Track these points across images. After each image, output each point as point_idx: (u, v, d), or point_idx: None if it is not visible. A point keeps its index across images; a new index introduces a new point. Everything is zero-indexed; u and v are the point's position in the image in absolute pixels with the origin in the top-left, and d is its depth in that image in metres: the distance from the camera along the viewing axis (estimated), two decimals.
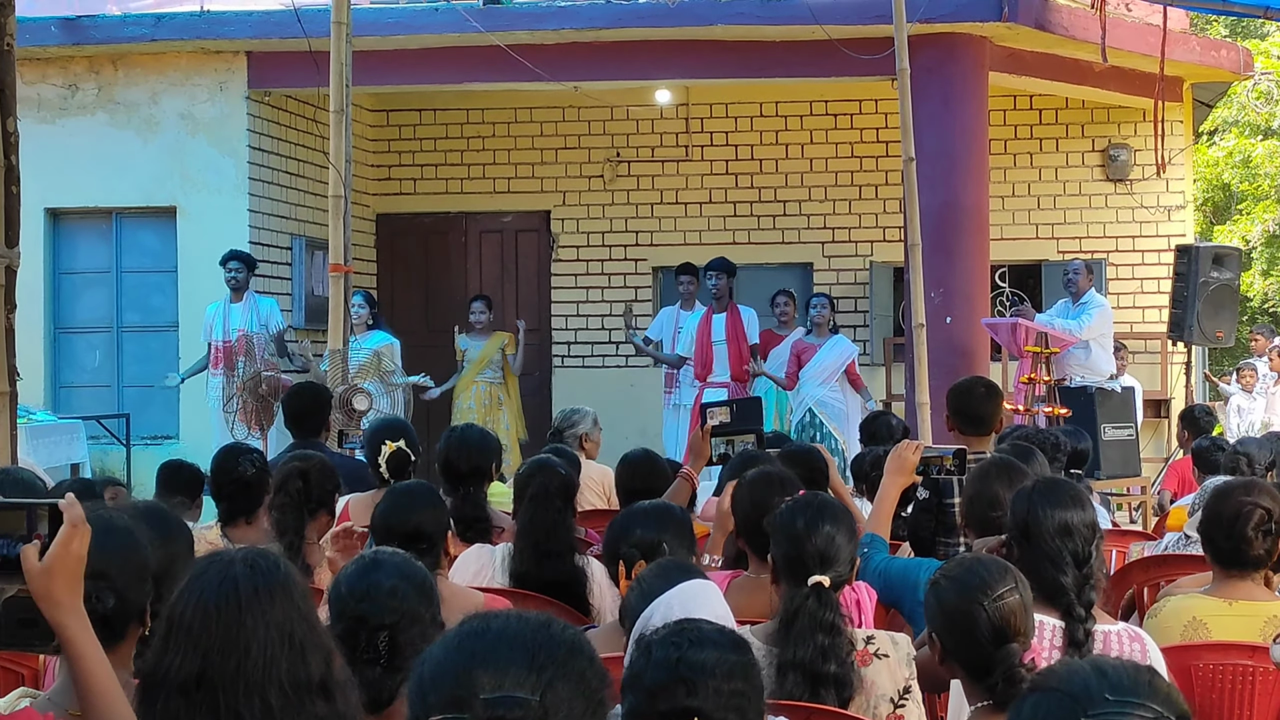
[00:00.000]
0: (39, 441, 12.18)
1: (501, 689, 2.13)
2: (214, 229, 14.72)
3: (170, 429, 14.82)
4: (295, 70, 14.08)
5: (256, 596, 2.93)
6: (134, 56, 15.07)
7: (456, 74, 15.14)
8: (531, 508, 5.98)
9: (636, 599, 3.87)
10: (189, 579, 2.94)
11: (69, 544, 2.89)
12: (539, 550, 5.89)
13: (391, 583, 3.74)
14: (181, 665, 2.84)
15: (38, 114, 14.55)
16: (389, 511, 5.29)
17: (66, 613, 2.89)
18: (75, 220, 15.48)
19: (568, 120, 17.52)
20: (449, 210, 17.92)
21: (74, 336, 15.61)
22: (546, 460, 6.44)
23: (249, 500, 6.54)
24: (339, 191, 10.74)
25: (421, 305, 17.56)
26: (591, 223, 17.61)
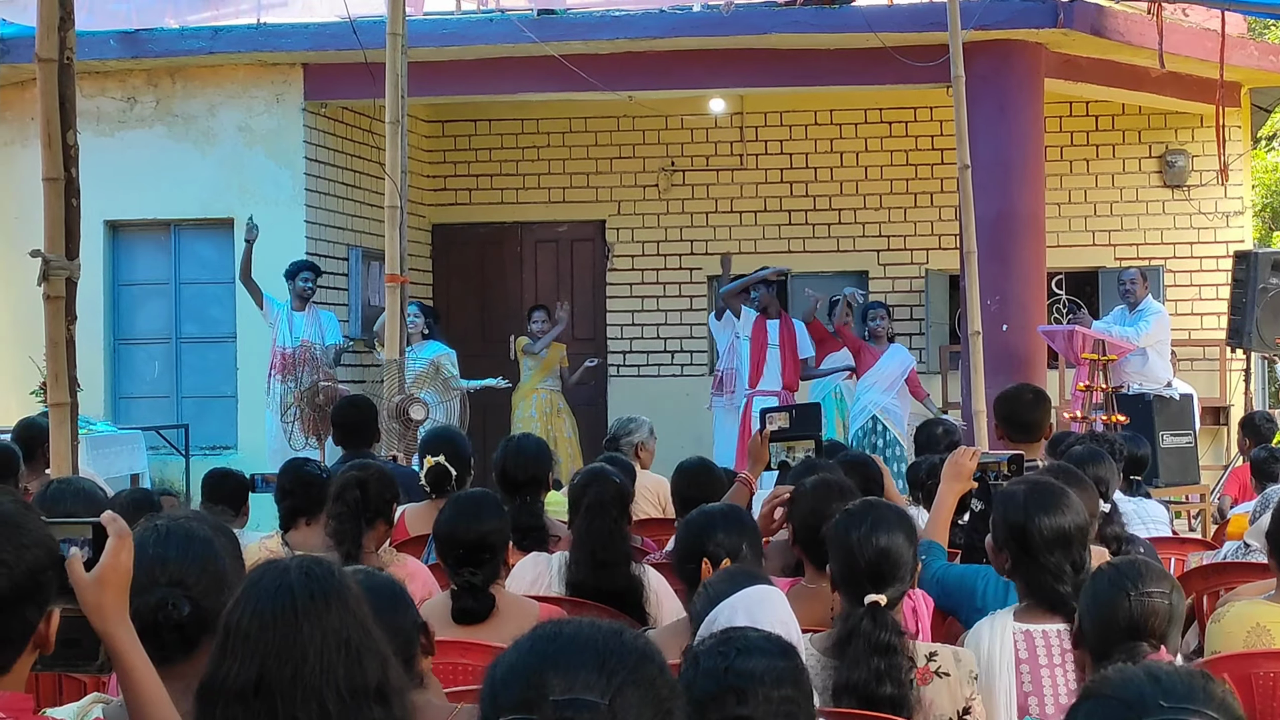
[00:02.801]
0: (99, 452, 12.26)
1: (571, 692, 2.14)
2: (271, 240, 14.76)
3: (229, 439, 14.90)
4: (351, 82, 14.14)
5: (313, 603, 2.93)
6: (192, 69, 15.17)
7: (511, 84, 15.16)
8: (587, 517, 5.99)
9: (703, 603, 3.86)
10: (244, 587, 2.95)
11: (117, 555, 2.91)
12: (595, 560, 5.89)
13: None
14: (239, 673, 2.85)
15: (97, 127, 14.67)
16: (453, 520, 5.30)
17: (116, 624, 2.90)
18: (134, 232, 15.58)
19: (622, 130, 17.54)
20: (504, 220, 17.96)
21: (133, 348, 15.71)
22: (600, 469, 6.44)
23: (310, 500, 6.61)
24: (395, 202, 10.78)
25: (477, 315, 17.59)
26: (646, 232, 17.63)
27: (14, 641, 2.69)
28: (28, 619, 2.69)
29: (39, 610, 2.71)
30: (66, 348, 7.03)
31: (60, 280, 6.98)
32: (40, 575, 2.68)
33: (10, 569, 2.62)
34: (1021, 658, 4.71)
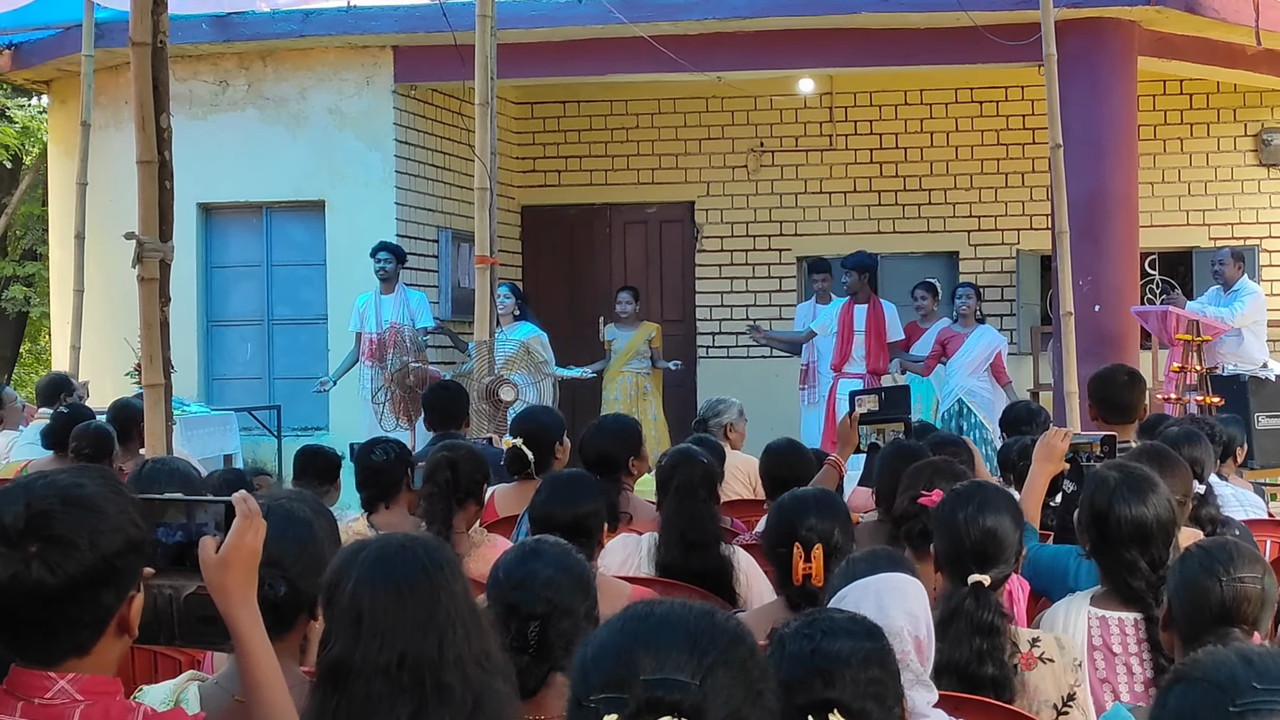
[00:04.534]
0: (193, 433, 12.38)
1: (662, 672, 2.14)
2: (362, 222, 14.88)
3: (320, 420, 15.00)
4: (441, 64, 14.19)
5: (444, 574, 2.98)
6: (282, 52, 15.26)
7: (600, 65, 15.17)
8: (676, 499, 5.98)
9: (840, 580, 3.84)
10: (366, 567, 2.96)
11: (243, 537, 2.94)
12: (685, 541, 5.88)
13: (548, 573, 3.74)
14: (380, 650, 2.86)
15: (189, 110, 14.79)
16: (551, 500, 5.30)
17: (239, 606, 2.93)
18: (226, 215, 15.71)
19: (711, 110, 17.51)
20: (593, 202, 17.97)
21: (226, 330, 15.85)
22: (688, 450, 6.43)
23: (381, 487, 6.69)
24: (484, 184, 10.81)
25: (566, 297, 17.61)
26: (735, 213, 17.60)
27: (89, 625, 2.71)
28: (103, 603, 2.71)
29: (117, 595, 2.72)
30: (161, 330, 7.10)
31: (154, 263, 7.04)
32: (116, 560, 2.69)
33: (83, 553, 2.64)
34: (1095, 644, 4.66)
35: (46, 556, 2.62)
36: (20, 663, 2.71)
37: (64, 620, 2.67)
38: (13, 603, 2.65)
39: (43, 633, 2.68)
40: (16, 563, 2.62)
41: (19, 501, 2.66)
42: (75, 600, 2.66)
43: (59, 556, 2.62)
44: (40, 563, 2.62)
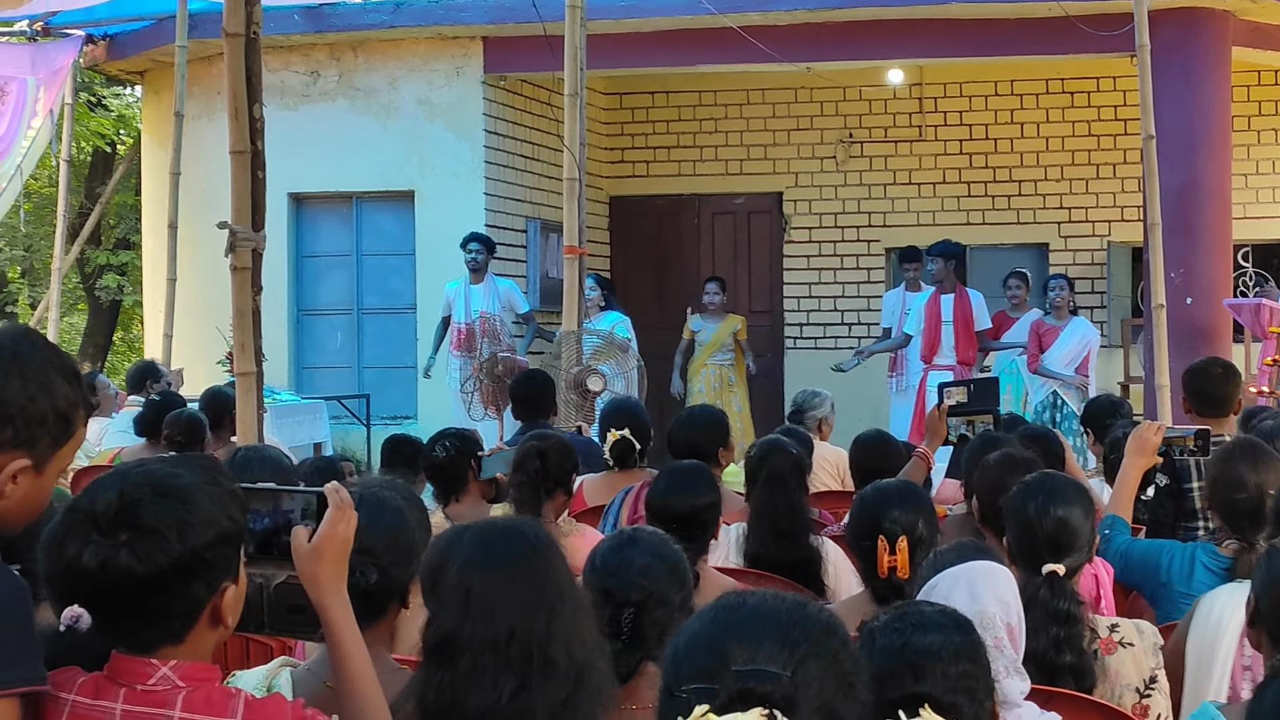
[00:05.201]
0: (283, 421, 12.46)
1: (754, 662, 2.14)
2: (451, 212, 14.94)
3: (409, 409, 15.07)
4: (530, 54, 14.23)
5: (549, 552, 3.01)
6: (373, 43, 15.35)
7: (689, 56, 15.15)
8: (766, 489, 5.98)
9: (929, 571, 3.83)
10: (472, 547, 2.97)
11: (336, 527, 2.95)
12: (775, 531, 5.88)
13: (644, 561, 3.75)
14: (489, 625, 2.88)
15: (281, 101, 14.90)
16: (668, 492, 5.31)
17: (330, 595, 2.95)
18: (317, 204, 15.81)
19: (800, 101, 17.46)
20: (681, 192, 17.96)
21: (316, 319, 15.95)
22: (777, 441, 6.43)
23: (446, 482, 6.75)
24: (573, 174, 10.84)
25: (654, 287, 17.61)
26: (824, 204, 17.55)
27: (179, 614, 2.72)
28: (193, 594, 2.72)
29: (208, 586, 2.73)
30: (253, 318, 7.17)
31: (246, 252, 7.11)
32: (206, 552, 2.70)
33: (170, 544, 2.66)
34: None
35: (135, 546, 2.64)
36: (120, 649, 2.74)
37: (154, 609, 2.69)
38: (104, 590, 2.67)
39: (136, 620, 2.70)
40: (107, 550, 2.64)
41: (113, 489, 2.68)
42: (164, 590, 2.68)
43: (147, 546, 2.64)
44: (129, 551, 2.64)
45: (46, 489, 2.90)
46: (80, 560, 2.65)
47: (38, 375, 2.81)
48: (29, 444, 2.80)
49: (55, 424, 2.83)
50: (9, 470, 2.79)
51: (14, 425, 2.78)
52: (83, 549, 2.65)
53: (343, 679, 2.97)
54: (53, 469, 2.88)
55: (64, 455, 2.89)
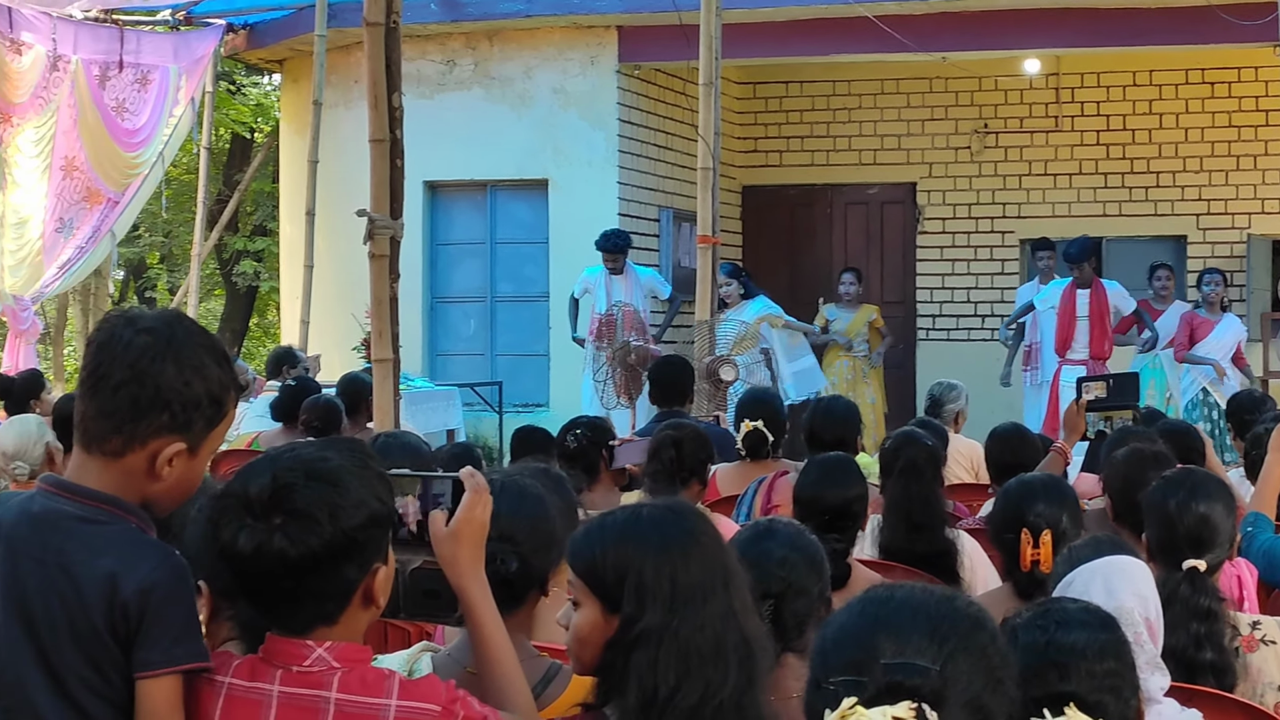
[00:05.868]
0: (417, 408, 12.55)
1: (902, 656, 2.13)
2: (584, 201, 14.99)
3: (541, 397, 15.14)
4: (665, 44, 14.23)
5: (713, 530, 2.99)
6: (508, 32, 15.42)
7: (824, 46, 15.11)
8: (901, 481, 5.94)
9: (1064, 566, 3.81)
10: (640, 530, 2.97)
11: (473, 510, 2.97)
12: (910, 523, 5.84)
13: (782, 553, 3.75)
14: (652, 615, 2.86)
15: (417, 90, 15.00)
16: (818, 484, 5.28)
17: (469, 579, 2.97)
18: (452, 193, 15.92)
19: (935, 91, 17.34)
20: (814, 182, 17.91)
21: (450, 306, 16.07)
22: (912, 433, 6.39)
23: (578, 470, 6.72)
24: (707, 164, 10.84)
25: (786, 277, 17.55)
26: (958, 194, 17.43)
27: (332, 596, 2.76)
28: (346, 575, 2.75)
29: (359, 568, 2.76)
30: (390, 305, 7.23)
31: (384, 239, 7.18)
32: (358, 534, 2.73)
33: (323, 527, 2.69)
34: None
35: (288, 529, 2.68)
36: (276, 631, 2.78)
37: (308, 591, 2.73)
38: (259, 573, 2.71)
39: (290, 602, 2.74)
40: (261, 534, 2.68)
41: (265, 474, 2.72)
42: (318, 572, 2.71)
43: (300, 530, 2.68)
44: (282, 535, 2.68)
45: (199, 471, 2.95)
46: (236, 544, 2.70)
47: (192, 360, 2.85)
48: (184, 428, 2.85)
49: (209, 407, 2.88)
50: (165, 454, 2.85)
51: (170, 410, 2.83)
52: (238, 533, 2.70)
53: (484, 662, 2.99)
54: (205, 451, 2.93)
55: (215, 437, 2.94)
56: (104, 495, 2.86)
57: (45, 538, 2.85)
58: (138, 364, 2.82)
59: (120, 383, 2.82)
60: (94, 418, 2.86)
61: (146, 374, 2.82)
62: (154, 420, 2.83)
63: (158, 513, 2.97)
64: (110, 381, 2.83)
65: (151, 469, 2.86)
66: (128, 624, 2.76)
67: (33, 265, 14.96)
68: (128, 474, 2.86)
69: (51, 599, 2.81)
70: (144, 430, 2.83)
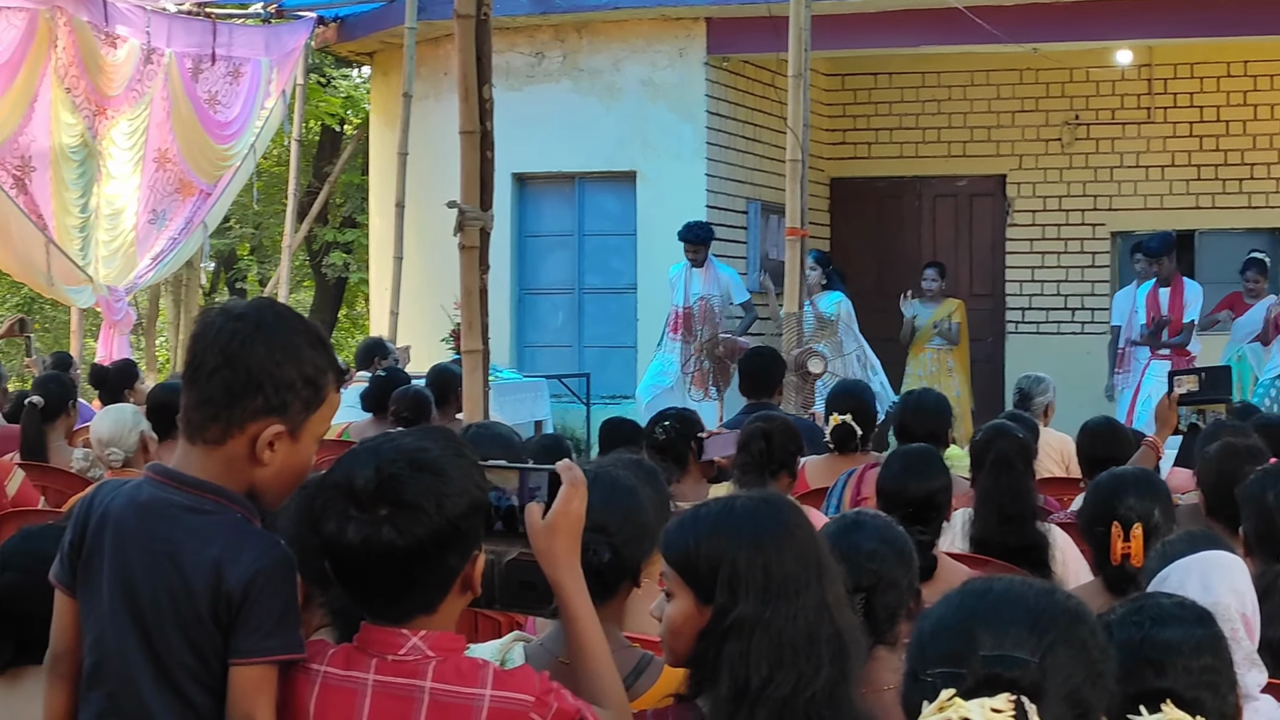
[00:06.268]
0: (505, 399, 12.60)
1: (1001, 648, 2.12)
2: (672, 193, 14.98)
3: (628, 389, 15.14)
4: (753, 35, 14.21)
5: (807, 521, 2.99)
6: (597, 24, 15.44)
7: (913, 37, 15.05)
8: (993, 473, 5.91)
9: (1157, 561, 3.78)
10: (734, 522, 2.97)
11: (569, 503, 2.96)
12: (1002, 514, 5.81)
13: (871, 545, 3.73)
14: (746, 605, 2.86)
15: (506, 82, 15.02)
16: (902, 476, 5.28)
17: (565, 571, 2.96)
18: (540, 185, 15.96)
19: (1025, 83, 17.23)
20: (903, 175, 17.84)
21: (538, 297, 16.11)
22: (1003, 425, 6.37)
23: (667, 462, 6.69)
24: (796, 156, 10.81)
25: (875, 270, 17.49)
26: (1048, 187, 17.30)
27: (435, 584, 2.78)
28: (449, 564, 2.78)
29: (461, 556, 2.79)
30: (480, 297, 7.25)
31: (474, 231, 7.20)
32: (461, 523, 2.75)
33: (430, 516, 2.71)
34: None
35: (396, 520, 2.70)
36: (372, 620, 2.80)
37: (412, 580, 2.75)
38: (364, 564, 2.74)
39: (393, 592, 2.76)
40: (367, 526, 2.70)
41: (369, 465, 2.74)
42: (423, 562, 2.74)
43: (407, 520, 2.70)
44: (390, 526, 2.70)
45: (304, 457, 2.98)
46: (343, 537, 2.73)
47: (282, 342, 2.88)
48: (280, 410, 2.88)
49: (304, 389, 2.90)
50: (265, 437, 2.88)
51: (263, 392, 2.86)
52: (344, 525, 2.72)
53: (578, 655, 2.99)
54: (308, 435, 2.96)
55: (318, 421, 2.97)
56: (209, 485, 2.90)
57: (153, 526, 2.90)
58: (228, 348, 2.86)
59: (213, 369, 2.87)
60: (194, 407, 2.91)
61: (237, 357, 2.85)
62: (248, 403, 2.86)
63: (268, 504, 3.01)
64: (205, 369, 2.88)
65: (253, 454, 2.89)
66: (230, 612, 2.81)
67: (126, 256, 15.11)
68: (230, 461, 2.90)
69: (158, 587, 2.86)
70: (240, 414, 2.87)
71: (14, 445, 8.26)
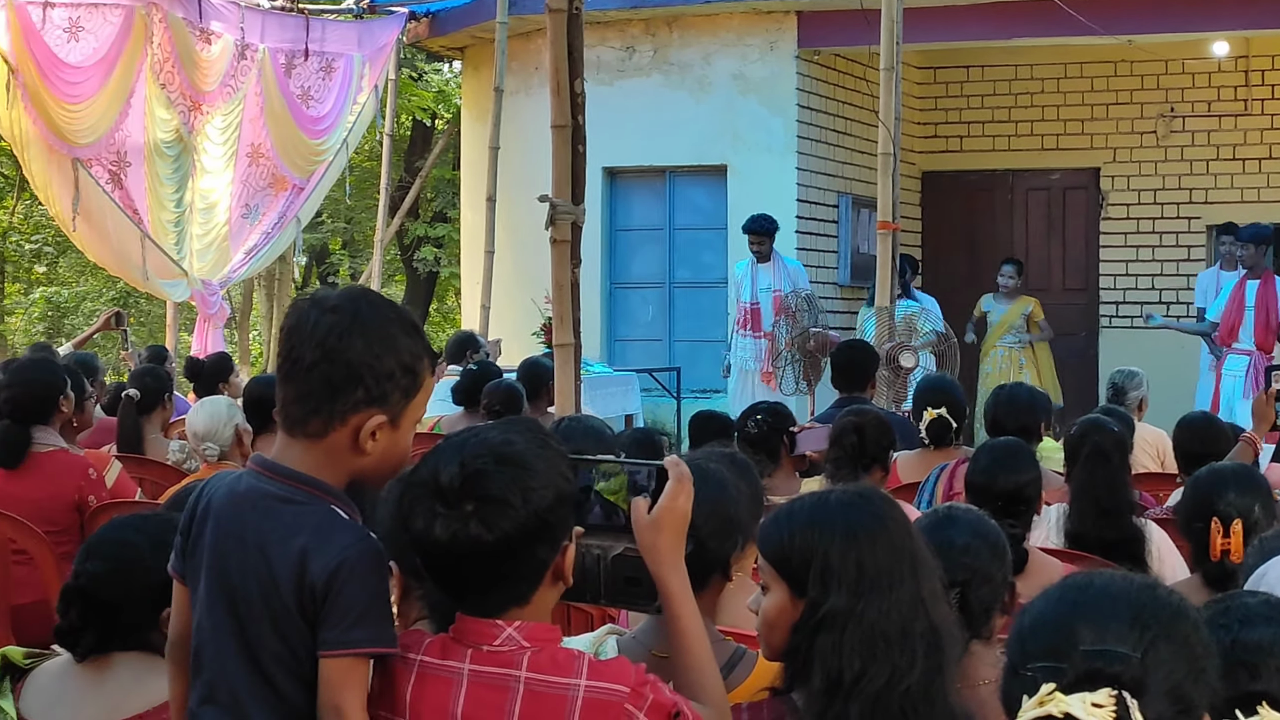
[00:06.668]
0: (596, 393, 12.60)
1: (1102, 643, 2.10)
2: (763, 187, 14.95)
3: (718, 383, 15.10)
4: (845, 28, 14.14)
5: (903, 515, 3.00)
6: (688, 18, 15.43)
7: (1006, 29, 14.95)
8: (1088, 466, 5.87)
9: (1255, 558, 3.74)
10: (831, 516, 2.97)
11: (675, 499, 2.96)
12: (1098, 509, 5.76)
13: (965, 540, 3.71)
14: (839, 598, 2.87)
15: (597, 76, 15.01)
16: (990, 469, 5.25)
17: (669, 568, 2.95)
18: (630, 179, 15.97)
19: (1119, 75, 17.06)
20: (995, 168, 17.73)
21: (628, 291, 16.12)
22: (1099, 419, 6.33)
23: (759, 456, 6.68)
24: (888, 149, 10.78)
25: (965, 264, 17.40)
26: (1143, 180, 17.14)
27: (526, 577, 2.79)
28: (539, 556, 2.78)
29: (551, 547, 2.79)
30: (571, 290, 7.28)
31: (566, 225, 7.24)
32: (549, 515, 2.75)
33: (516, 510, 2.71)
34: None
35: (482, 515, 2.70)
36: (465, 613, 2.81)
37: (502, 574, 2.76)
38: (454, 560, 2.74)
39: (483, 586, 2.76)
40: (455, 522, 2.70)
41: (454, 461, 2.74)
42: (512, 555, 2.74)
43: (495, 515, 2.70)
44: (478, 522, 2.70)
45: (404, 444, 2.99)
46: (431, 534, 2.73)
47: (379, 332, 2.89)
48: (381, 400, 2.89)
49: (403, 377, 2.91)
50: (368, 428, 2.89)
51: (364, 384, 2.87)
52: (432, 522, 2.73)
53: (679, 651, 2.98)
54: (407, 421, 2.97)
55: (416, 407, 2.98)
56: (305, 476, 2.91)
57: (246, 516, 2.92)
58: (326, 342, 2.86)
59: (312, 364, 2.87)
60: (293, 402, 2.92)
61: (336, 351, 2.86)
62: (350, 396, 2.87)
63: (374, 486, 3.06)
64: (303, 364, 2.88)
65: (356, 445, 2.91)
66: (315, 603, 2.82)
67: (219, 250, 15.23)
68: (332, 453, 2.92)
69: (249, 577, 2.88)
70: (341, 408, 2.88)
71: (111, 437, 8.37)
